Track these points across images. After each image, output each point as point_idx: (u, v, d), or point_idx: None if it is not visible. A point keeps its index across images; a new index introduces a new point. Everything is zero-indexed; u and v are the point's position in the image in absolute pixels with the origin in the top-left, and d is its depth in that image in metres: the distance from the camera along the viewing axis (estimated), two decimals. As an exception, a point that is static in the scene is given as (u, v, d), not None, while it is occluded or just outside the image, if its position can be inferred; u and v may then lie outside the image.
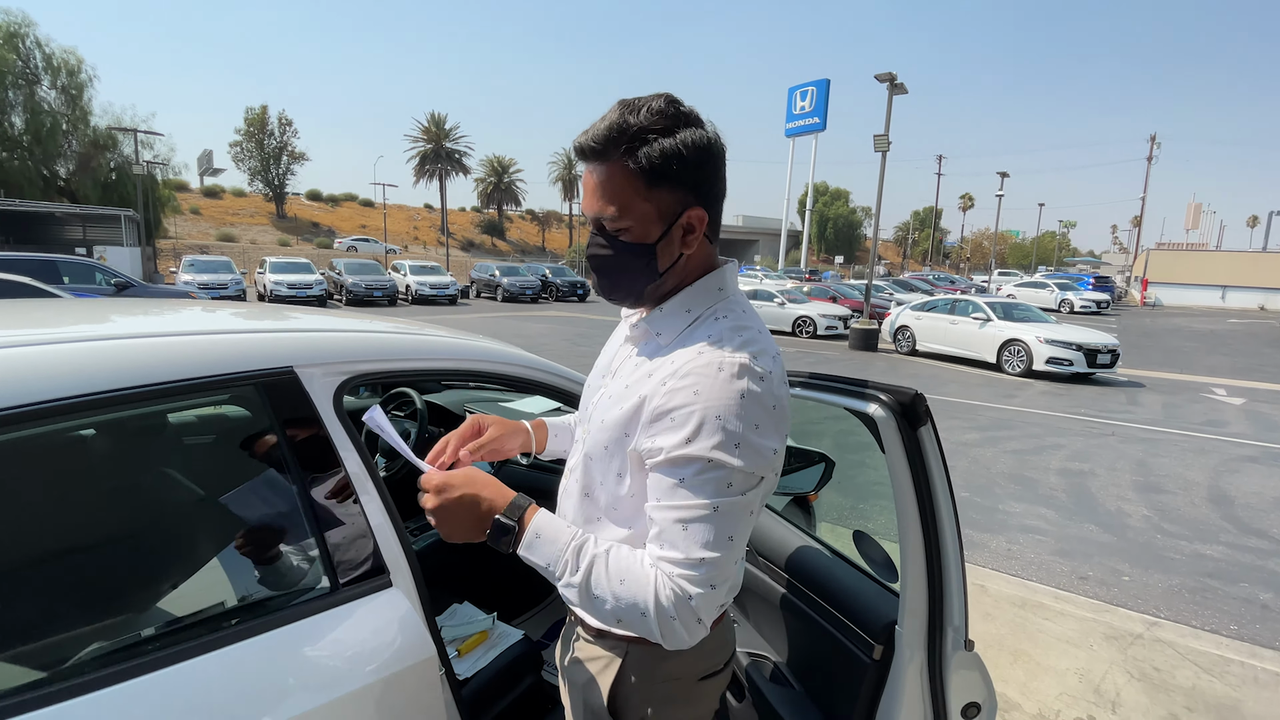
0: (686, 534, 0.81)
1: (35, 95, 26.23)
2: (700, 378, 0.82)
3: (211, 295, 16.39)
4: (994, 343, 12.30)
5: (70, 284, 11.66)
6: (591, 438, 0.97)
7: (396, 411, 2.73)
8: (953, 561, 1.03)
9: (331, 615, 1.10)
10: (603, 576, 0.83)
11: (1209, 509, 5.14)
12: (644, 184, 0.87)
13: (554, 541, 0.86)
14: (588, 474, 0.98)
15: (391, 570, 1.21)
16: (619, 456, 0.92)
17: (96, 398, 0.95)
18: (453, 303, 23.40)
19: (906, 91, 14.98)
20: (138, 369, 1.00)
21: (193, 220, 44.90)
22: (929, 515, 1.02)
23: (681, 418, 0.81)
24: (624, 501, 0.93)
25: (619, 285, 0.94)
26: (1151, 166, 50.45)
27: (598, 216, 0.90)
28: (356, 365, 1.30)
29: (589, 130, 0.88)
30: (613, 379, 0.99)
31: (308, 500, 1.15)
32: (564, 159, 62.30)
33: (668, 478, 0.83)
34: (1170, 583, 3.82)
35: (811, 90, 41.25)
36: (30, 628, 0.92)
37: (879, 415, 1.02)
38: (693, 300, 0.94)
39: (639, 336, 0.99)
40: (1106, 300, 29.98)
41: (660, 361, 0.90)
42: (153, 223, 27.92)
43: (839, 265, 57.57)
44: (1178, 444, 7.19)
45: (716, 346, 0.85)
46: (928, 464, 1.01)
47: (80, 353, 0.99)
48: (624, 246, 0.90)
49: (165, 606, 1.05)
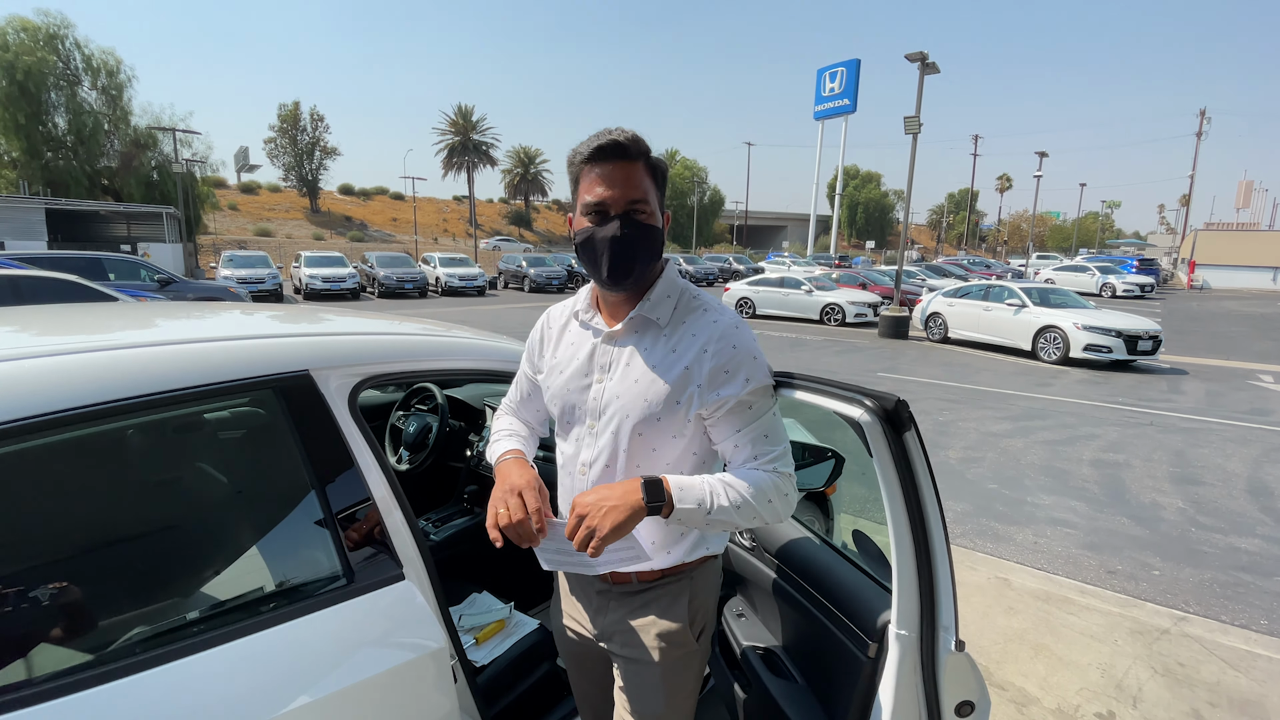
0: (769, 438, 1.11)
1: (77, 96, 27.10)
2: (730, 336, 1.10)
3: (250, 289, 16.79)
4: (1029, 330, 11.99)
5: (116, 280, 12.08)
6: (632, 419, 1.11)
7: (420, 405, 2.81)
8: (942, 564, 1.06)
9: (348, 607, 1.16)
10: (744, 492, 1.06)
11: (1247, 501, 4.98)
12: (654, 183, 1.12)
13: (693, 485, 1.05)
14: (634, 451, 1.13)
15: (404, 564, 1.27)
16: (671, 419, 1.11)
17: (120, 404, 1.02)
18: (481, 294, 23.70)
19: (939, 71, 14.59)
20: (157, 376, 1.08)
21: (231, 216, 46.12)
22: (917, 519, 1.05)
23: (734, 368, 1.09)
24: (674, 454, 1.14)
25: (639, 261, 1.10)
26: (1201, 143, 48.39)
27: (633, 200, 1.08)
28: (370, 368, 1.37)
29: (620, 132, 1.08)
30: (613, 372, 1.16)
31: (324, 497, 1.21)
32: (590, 148, 62.13)
33: (742, 410, 1.10)
34: (1202, 577, 3.74)
35: (841, 71, 40.45)
36: (66, 616, 1.00)
37: (865, 420, 1.05)
38: (668, 288, 1.18)
39: (628, 331, 1.16)
40: (1151, 284, 28.88)
41: (678, 337, 1.13)
42: (193, 219, 28.75)
43: (870, 250, 56.57)
44: (1219, 433, 6.97)
45: (718, 313, 1.14)
46: (914, 469, 1.03)
47: (105, 362, 1.07)
48: (647, 227, 1.10)
49: (188, 600, 1.13)
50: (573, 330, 1.25)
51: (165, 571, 1.14)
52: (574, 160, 1.13)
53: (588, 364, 1.19)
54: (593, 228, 1.10)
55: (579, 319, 1.24)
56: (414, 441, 2.63)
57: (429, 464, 2.58)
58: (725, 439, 1.12)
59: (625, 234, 1.07)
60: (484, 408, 2.79)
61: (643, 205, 1.09)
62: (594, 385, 1.17)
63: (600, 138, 1.09)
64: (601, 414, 1.15)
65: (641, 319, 1.16)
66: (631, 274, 1.11)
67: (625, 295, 1.17)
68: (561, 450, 1.26)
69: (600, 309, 1.22)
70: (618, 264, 1.09)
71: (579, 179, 1.12)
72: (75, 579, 1.03)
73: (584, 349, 1.20)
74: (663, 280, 1.17)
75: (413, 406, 2.82)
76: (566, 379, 1.21)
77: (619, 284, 1.12)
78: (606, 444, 1.15)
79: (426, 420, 2.66)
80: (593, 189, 1.09)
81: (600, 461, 1.16)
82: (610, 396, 1.14)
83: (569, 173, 1.15)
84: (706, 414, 1.11)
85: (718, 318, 1.14)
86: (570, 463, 1.22)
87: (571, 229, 1.16)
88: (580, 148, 1.11)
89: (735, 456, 1.12)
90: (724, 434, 1.12)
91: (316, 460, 1.23)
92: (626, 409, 1.12)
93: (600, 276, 1.12)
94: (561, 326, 1.28)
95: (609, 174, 1.08)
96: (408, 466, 2.59)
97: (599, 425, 1.16)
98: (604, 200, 1.08)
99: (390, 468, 1.32)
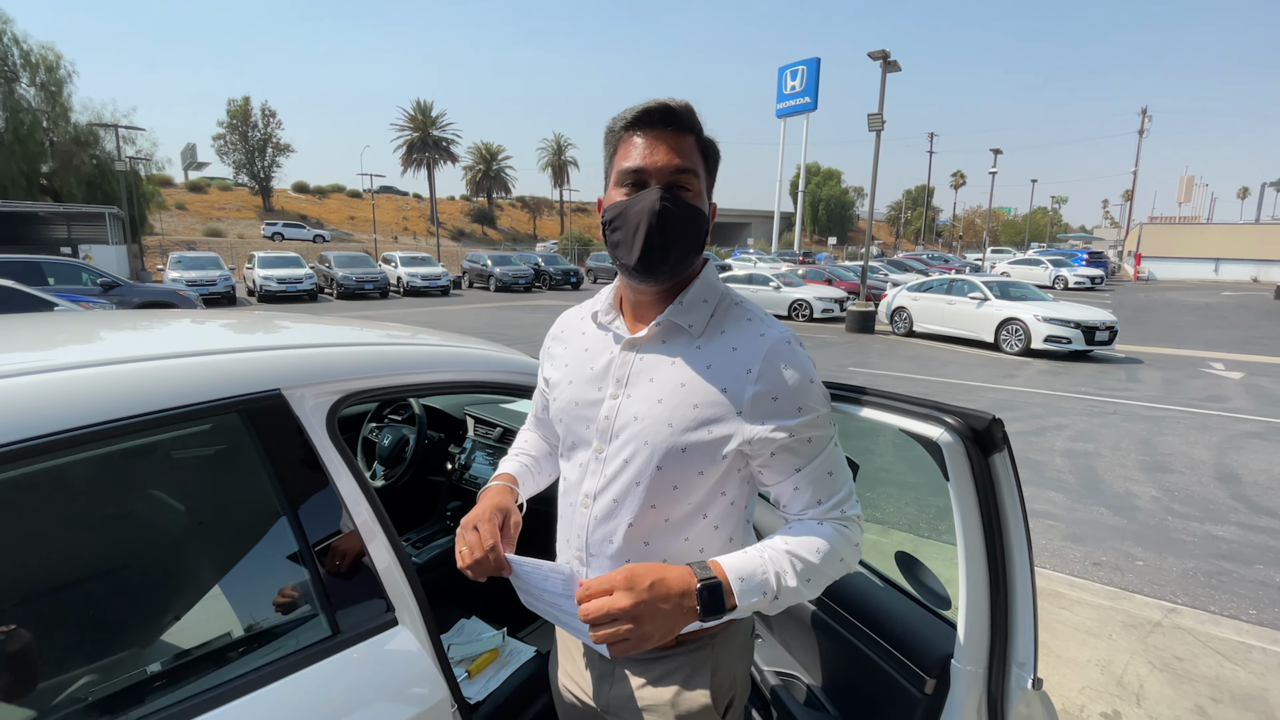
0: (833, 476, 0.93)
1: (14, 93, 25.67)
2: (781, 356, 0.91)
3: (200, 292, 16.08)
4: (992, 322, 12.24)
5: (56, 285, 11.43)
6: (652, 448, 0.92)
7: (394, 416, 2.62)
8: (1022, 596, 0.94)
9: (332, 663, 1.00)
10: (814, 559, 0.88)
11: (1217, 488, 5.09)
12: (703, 161, 0.95)
13: (753, 572, 0.86)
14: (651, 488, 0.93)
15: (396, 606, 1.12)
16: (700, 453, 0.91)
17: (51, 439, 0.84)
18: (445, 294, 23.19)
19: (900, 69, 14.78)
20: (98, 404, 0.90)
21: (179, 216, 44.29)
22: (997, 549, 0.92)
23: (786, 395, 0.90)
24: (700, 494, 0.94)
25: (677, 244, 0.92)
26: (1143, 140, 50.30)
27: (679, 169, 0.91)
28: (349, 383, 1.20)
29: (669, 100, 0.91)
30: (631, 387, 0.96)
31: (301, 535, 1.05)
32: (553, 145, 61.70)
33: (799, 447, 0.91)
34: (1185, 566, 3.78)
35: (802, 70, 40.86)
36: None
37: (945, 441, 0.92)
38: (705, 291, 0.98)
39: (654, 338, 0.98)
40: (1101, 276, 29.96)
41: (715, 351, 0.94)
42: (138, 219, 27.50)
43: (832, 246, 57.35)
44: (1180, 421, 7.16)
45: (765, 324, 0.95)
46: (999, 495, 0.91)
47: (30, 389, 0.88)
48: (691, 208, 0.92)
49: (136, 663, 0.94)
50: (590, 334, 1.06)
51: (108, 629, 0.96)
52: (613, 128, 0.95)
53: (602, 374, 1.00)
54: (627, 199, 0.91)
55: (597, 321, 1.05)
56: (389, 455, 2.45)
57: (407, 479, 2.40)
58: (781, 481, 0.93)
59: (665, 207, 0.89)
60: (464, 417, 2.62)
61: (689, 179, 0.91)
62: (607, 400, 0.98)
63: (647, 103, 0.92)
64: (614, 436, 0.96)
65: (670, 325, 0.96)
66: (668, 259, 0.91)
67: (655, 294, 0.98)
68: (564, 474, 1.07)
69: (623, 310, 1.03)
70: (653, 243, 0.89)
71: (615, 150, 0.95)
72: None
73: (600, 357, 1.02)
74: (700, 281, 0.99)
75: (386, 418, 2.63)
76: (575, 390, 1.02)
77: (651, 271, 0.92)
78: (617, 474, 0.95)
79: (402, 432, 2.48)
80: (631, 155, 0.92)
81: (608, 495, 0.96)
82: (627, 417, 0.95)
83: (605, 147, 0.97)
84: (752, 451, 0.92)
85: (764, 329, 0.94)
86: (572, 490, 1.03)
87: (600, 211, 0.98)
88: (623, 113, 0.93)
89: (793, 502, 0.94)
90: (779, 476, 0.93)
91: (291, 492, 1.06)
92: (646, 434, 0.93)
93: (630, 259, 0.92)
94: (577, 330, 1.10)
95: (653, 141, 0.91)
96: (384, 482, 2.41)
97: (609, 450, 0.96)
98: (644, 167, 0.90)
99: (375, 495, 1.16)
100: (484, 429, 2.53)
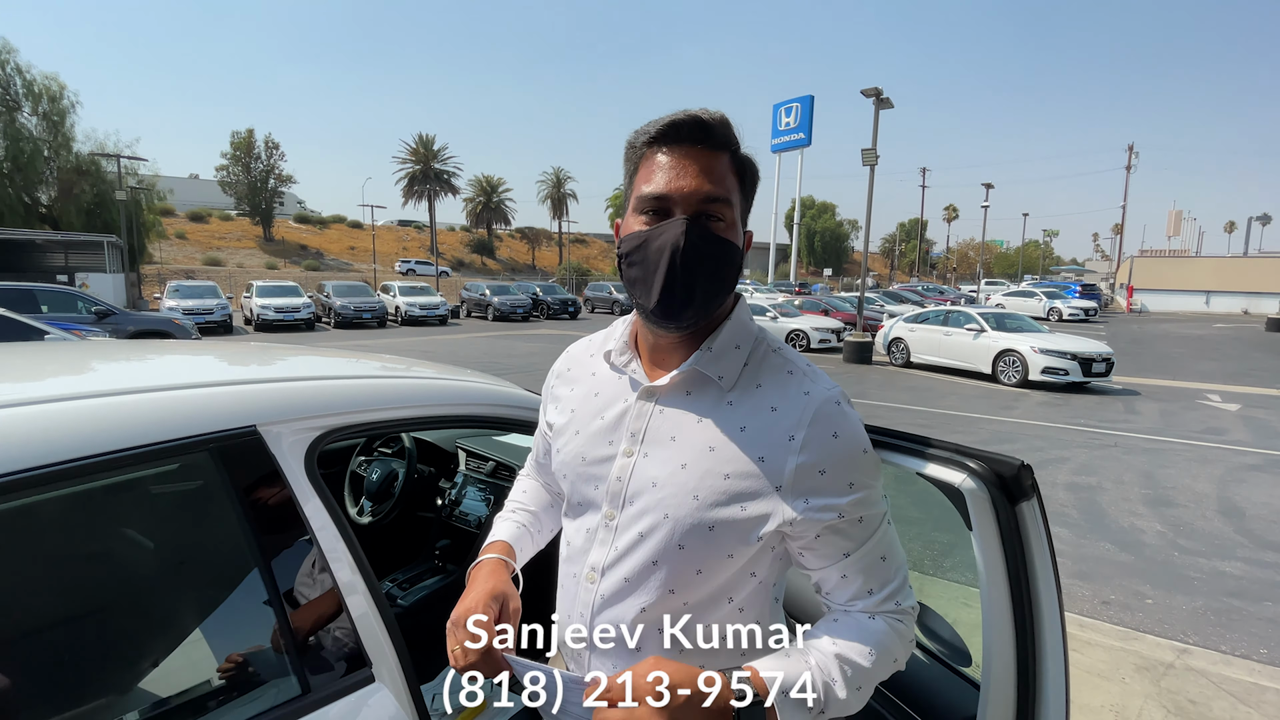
0: (886, 562, 0.80)
1: (15, 122, 25.99)
2: (831, 421, 0.77)
3: (196, 321, 16.06)
4: (989, 353, 12.23)
5: (49, 313, 11.37)
6: (674, 522, 0.78)
7: (384, 449, 2.55)
8: (1053, 658, 0.87)
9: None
10: (866, 662, 0.75)
11: (1221, 522, 5.01)
12: (738, 185, 0.81)
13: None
14: (672, 569, 0.79)
15: (374, 661, 1.04)
16: (731, 533, 0.78)
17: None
18: (443, 323, 23.19)
19: (892, 106, 15.05)
20: (50, 443, 0.83)
21: (179, 245, 44.43)
22: (1025, 605, 0.85)
23: (836, 467, 0.77)
24: (726, 576, 0.80)
25: (702, 286, 0.78)
26: (1130, 175, 51.17)
27: (709, 198, 0.77)
28: (331, 419, 1.14)
29: (701, 111, 0.78)
30: (649, 445, 0.82)
31: (272, 585, 0.98)
32: (553, 178, 62.43)
33: (850, 529, 0.78)
34: (1194, 604, 3.68)
35: (796, 106, 41.63)
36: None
37: (969, 488, 0.84)
38: (738, 334, 0.84)
39: (676, 388, 0.84)
40: (1094, 308, 30.20)
41: (751, 408, 0.80)
42: (137, 248, 27.60)
43: (827, 278, 57.79)
44: (1181, 453, 7.10)
45: (809, 379, 0.81)
46: (1028, 547, 0.84)
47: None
48: (723, 242, 0.78)
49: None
50: (601, 375, 0.91)
51: (48, 689, 0.88)
52: (635, 143, 0.81)
53: (614, 426, 0.85)
54: (647, 230, 0.78)
55: (610, 362, 0.90)
56: (377, 491, 2.37)
57: (395, 516, 2.32)
58: (826, 567, 0.80)
59: (691, 243, 0.75)
60: (456, 450, 2.55)
61: (721, 209, 0.78)
62: (619, 458, 0.83)
63: (676, 115, 0.78)
64: (627, 502, 0.82)
65: (696, 374, 0.82)
66: (691, 303, 0.78)
67: (678, 337, 0.83)
68: (567, 538, 0.91)
69: (639, 352, 0.89)
70: (675, 285, 0.76)
71: (637, 169, 0.81)
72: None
73: (613, 405, 0.87)
74: (731, 322, 0.84)
75: (376, 451, 2.56)
76: (582, 443, 0.88)
77: (671, 317, 0.79)
78: (630, 549, 0.81)
79: (391, 466, 2.41)
80: (654, 177, 0.78)
81: (618, 572, 0.81)
82: (643, 481, 0.81)
83: (625, 164, 0.84)
84: (794, 533, 0.78)
85: (810, 386, 0.79)
86: (575, 559, 0.88)
87: (618, 238, 0.84)
88: (646, 127, 0.80)
89: (840, 591, 0.81)
90: (824, 561, 0.80)
91: (263, 538, 0.99)
92: (666, 505, 0.79)
93: (648, 301, 0.78)
94: (585, 369, 0.95)
95: (681, 161, 0.77)
96: (370, 519, 2.32)
97: (621, 517, 0.83)
98: (668, 193, 0.77)
99: (355, 541, 1.09)
100: (475, 462, 2.46)
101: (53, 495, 0.86)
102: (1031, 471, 0.83)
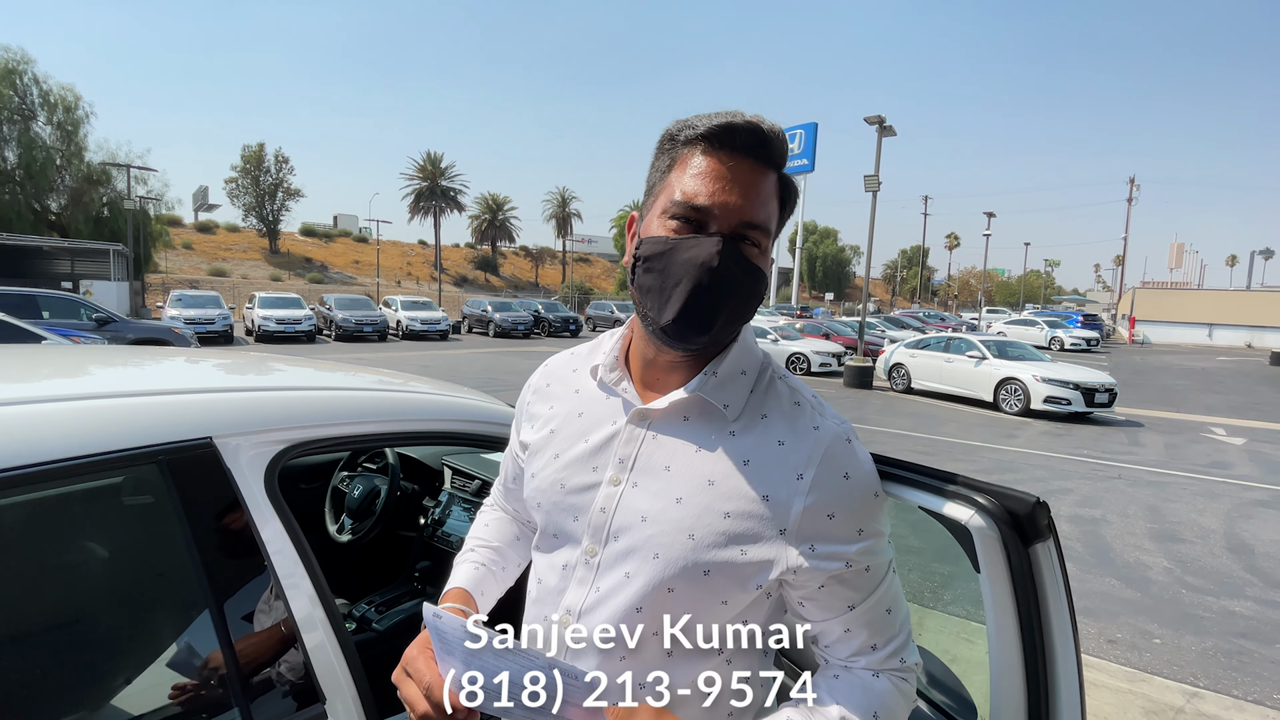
0: (891, 615, 0.74)
1: (30, 130, 26.31)
2: (841, 460, 0.71)
3: (197, 330, 16.10)
4: (990, 381, 12.15)
5: (50, 319, 11.39)
6: (664, 563, 0.70)
7: (368, 465, 2.48)
8: (1069, 713, 0.78)
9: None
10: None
11: (1230, 559, 4.90)
12: (778, 211, 0.74)
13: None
14: (659, 616, 0.70)
15: (328, 695, 0.96)
16: (728, 578, 0.70)
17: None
18: (444, 338, 23.18)
19: (895, 134, 15.15)
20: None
21: (185, 255, 44.70)
22: (1039, 660, 0.77)
23: (845, 510, 0.71)
24: (718, 624, 0.72)
25: (728, 313, 0.71)
26: (1132, 207, 51.46)
27: (750, 222, 0.70)
28: (295, 432, 1.07)
29: (760, 120, 0.70)
30: (639, 474, 0.74)
31: (218, 611, 0.90)
32: (558, 197, 62.90)
33: (856, 578, 0.71)
34: (1203, 645, 3.56)
35: (800, 133, 42.05)
36: None
37: (977, 525, 0.76)
38: (743, 359, 0.77)
39: (673, 415, 0.75)
40: (1096, 338, 30.14)
41: (754, 441, 0.73)
42: (143, 257, 27.79)
43: (829, 302, 57.98)
44: (1186, 487, 6.98)
45: (818, 413, 0.74)
46: (1042, 592, 0.76)
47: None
48: (755, 269, 0.71)
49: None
50: (585, 392, 0.82)
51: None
52: (676, 135, 0.72)
53: (599, 451, 0.76)
54: (675, 239, 0.69)
55: (598, 378, 0.81)
56: (359, 508, 2.29)
57: (375, 534, 2.24)
58: (828, 620, 0.73)
59: (725, 265, 0.67)
60: (442, 468, 2.47)
61: (760, 236, 0.71)
62: (604, 487, 0.74)
63: (732, 116, 0.69)
64: (611, 537, 0.73)
65: (699, 401, 0.74)
66: (709, 329, 0.70)
67: (679, 358, 0.75)
68: (538, 575, 0.81)
69: (630, 369, 0.80)
70: (696, 307, 0.68)
71: (673, 165, 0.72)
72: None
73: (599, 428, 0.78)
74: (738, 346, 0.76)
75: (359, 467, 2.48)
76: (562, 468, 0.78)
77: (682, 338, 0.71)
78: (613, 592, 0.72)
79: (374, 483, 2.33)
80: (694, 182, 0.69)
81: (596, 618, 0.72)
82: (631, 514, 0.72)
83: (658, 155, 0.75)
84: (796, 582, 0.71)
85: (818, 419, 0.73)
86: (547, 600, 0.78)
87: (632, 237, 0.76)
88: (695, 120, 0.71)
89: (841, 646, 0.74)
90: (826, 613, 0.73)
91: (215, 560, 0.92)
92: (656, 544, 0.70)
93: (661, 317, 0.70)
94: (568, 385, 0.85)
95: (729, 173, 0.69)
96: (350, 537, 2.24)
97: (603, 554, 0.73)
98: (709, 206, 0.68)
99: (314, 563, 1.02)
100: (461, 480, 2.38)
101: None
102: (1048, 509, 0.75)
